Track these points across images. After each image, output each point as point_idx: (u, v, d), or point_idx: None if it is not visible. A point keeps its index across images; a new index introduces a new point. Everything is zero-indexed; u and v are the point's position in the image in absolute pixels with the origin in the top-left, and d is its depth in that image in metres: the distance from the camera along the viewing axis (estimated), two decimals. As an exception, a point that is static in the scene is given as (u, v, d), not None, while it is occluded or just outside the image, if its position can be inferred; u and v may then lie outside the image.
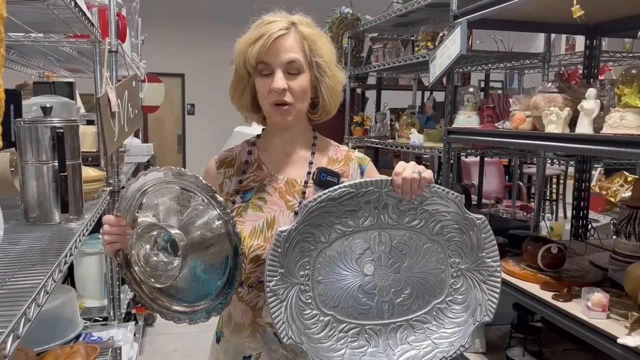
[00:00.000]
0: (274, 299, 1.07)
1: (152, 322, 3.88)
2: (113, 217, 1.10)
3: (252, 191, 1.24)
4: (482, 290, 1.15)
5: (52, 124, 1.40)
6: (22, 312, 0.81)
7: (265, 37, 1.13)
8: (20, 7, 1.54)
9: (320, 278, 1.10)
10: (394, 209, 1.11)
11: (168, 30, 8.17)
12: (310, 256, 1.10)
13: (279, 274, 1.07)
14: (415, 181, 1.08)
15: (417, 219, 1.13)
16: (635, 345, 1.36)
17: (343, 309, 1.12)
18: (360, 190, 1.08)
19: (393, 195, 1.10)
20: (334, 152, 1.30)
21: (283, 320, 1.07)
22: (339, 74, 1.24)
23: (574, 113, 1.74)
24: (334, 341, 1.11)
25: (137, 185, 1.10)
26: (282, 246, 1.06)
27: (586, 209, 2.53)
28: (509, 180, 5.46)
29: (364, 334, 1.13)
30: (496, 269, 1.15)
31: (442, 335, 1.16)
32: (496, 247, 1.15)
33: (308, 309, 1.10)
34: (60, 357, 1.70)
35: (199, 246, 1.07)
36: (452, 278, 1.16)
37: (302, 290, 1.10)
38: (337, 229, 1.10)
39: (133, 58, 3.17)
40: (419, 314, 1.16)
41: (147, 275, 1.08)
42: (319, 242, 1.10)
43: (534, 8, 2.01)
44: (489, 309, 1.15)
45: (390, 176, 1.11)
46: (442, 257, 1.15)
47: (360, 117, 3.98)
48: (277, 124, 1.23)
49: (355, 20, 3.95)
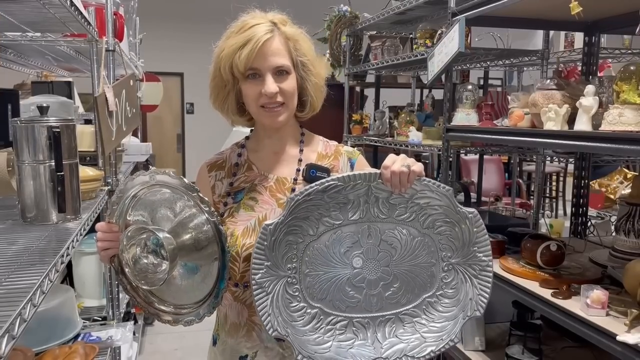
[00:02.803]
0: (259, 291, 1.06)
1: (152, 322, 3.88)
2: (105, 224, 1.12)
3: (243, 192, 1.24)
4: (473, 284, 1.14)
5: (48, 123, 1.39)
6: (17, 313, 0.81)
7: (252, 43, 1.12)
8: (16, 6, 1.54)
9: (308, 271, 1.10)
10: (384, 203, 1.11)
11: (167, 30, 8.17)
12: (298, 249, 1.09)
13: (265, 267, 1.07)
14: (405, 174, 1.07)
15: (408, 212, 1.12)
16: (635, 342, 1.36)
17: (330, 301, 1.11)
18: (348, 184, 1.08)
19: (383, 188, 1.09)
20: (323, 148, 1.31)
21: (269, 313, 1.07)
22: (322, 70, 1.25)
23: (572, 110, 1.74)
24: (320, 334, 1.11)
25: (125, 191, 1.11)
26: (268, 239, 1.06)
27: (585, 206, 2.52)
28: (509, 178, 5.45)
29: (352, 326, 1.12)
30: (488, 264, 1.14)
31: (432, 329, 1.15)
32: (488, 241, 1.14)
33: (295, 301, 1.10)
34: (59, 356, 1.70)
35: (189, 248, 1.08)
36: (443, 272, 1.15)
37: (289, 283, 1.09)
38: (325, 222, 1.10)
39: (131, 57, 3.17)
40: (408, 307, 1.15)
41: (137, 278, 1.08)
42: (306, 235, 1.09)
43: (531, 5, 2.01)
44: (480, 304, 1.14)
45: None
46: (433, 251, 1.14)
47: (359, 115, 3.97)
48: (267, 125, 1.23)
49: (354, 18, 3.95)
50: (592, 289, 1.57)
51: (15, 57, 2.60)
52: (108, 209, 1.15)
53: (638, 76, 1.51)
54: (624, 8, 2.05)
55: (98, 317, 2.32)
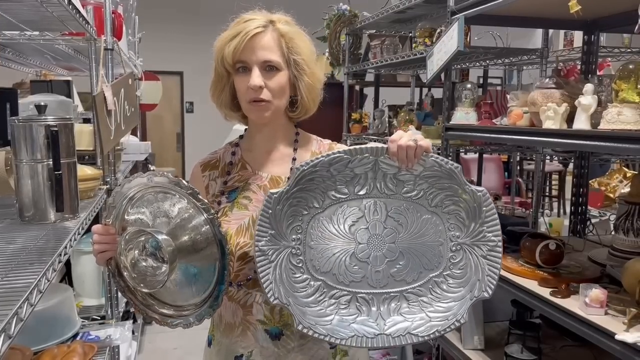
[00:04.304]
0: (262, 258, 1.05)
1: (151, 321, 3.88)
2: (101, 226, 1.11)
3: (237, 191, 1.24)
4: (481, 265, 1.11)
5: (46, 122, 1.39)
6: (13, 312, 0.81)
7: (241, 35, 1.13)
8: (14, 5, 1.54)
9: (312, 243, 1.09)
10: (391, 179, 1.09)
11: (167, 28, 8.16)
12: (303, 220, 1.08)
13: (269, 235, 1.06)
14: (412, 149, 1.05)
15: (416, 190, 1.10)
16: (633, 341, 1.36)
17: (334, 275, 1.10)
18: (355, 157, 1.06)
19: (390, 163, 1.08)
20: (317, 147, 1.31)
21: (271, 281, 1.05)
22: (319, 72, 1.24)
23: (571, 109, 1.73)
24: (323, 307, 1.10)
25: (122, 193, 1.10)
26: (273, 207, 1.05)
27: (585, 205, 2.52)
28: (508, 177, 5.45)
29: (355, 301, 1.11)
30: (497, 244, 1.11)
31: (438, 309, 1.12)
32: (498, 221, 1.11)
33: (298, 272, 1.09)
34: (57, 356, 1.70)
35: (188, 250, 1.07)
36: (450, 252, 1.12)
37: (293, 253, 1.08)
38: (331, 195, 1.09)
39: (130, 56, 3.16)
40: (414, 285, 1.13)
41: (137, 281, 1.08)
42: (312, 207, 1.09)
43: (531, 3, 2.00)
44: (489, 285, 1.11)
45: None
46: (441, 230, 1.12)
47: (359, 114, 3.97)
48: (254, 120, 1.23)
49: (353, 17, 3.95)
50: (591, 288, 1.57)
51: (14, 56, 2.59)
52: (105, 210, 1.14)
53: (637, 75, 1.51)
54: (623, 6, 2.04)
55: (97, 316, 2.32)
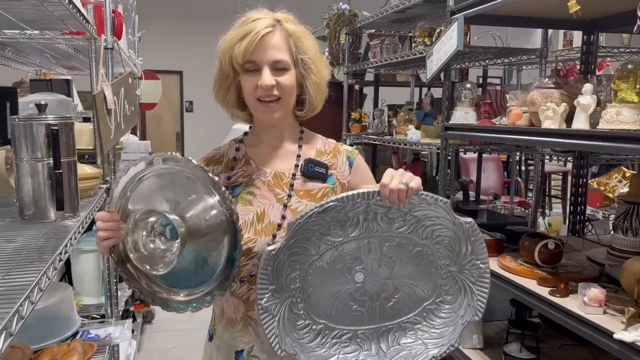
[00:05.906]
0: (265, 315, 1.08)
1: (150, 320, 3.88)
2: (106, 213, 1.10)
3: (240, 186, 1.24)
4: (471, 291, 1.17)
5: (46, 121, 1.39)
6: (15, 310, 0.81)
7: (252, 35, 1.13)
8: (14, 4, 1.54)
9: (311, 289, 1.12)
10: (382, 217, 1.12)
11: (166, 28, 8.16)
12: (301, 269, 1.11)
13: (270, 291, 1.08)
14: (403, 192, 1.08)
15: (406, 225, 1.13)
16: (632, 340, 1.36)
17: (334, 316, 1.14)
18: (347, 203, 1.08)
19: (381, 204, 1.10)
20: (322, 145, 1.32)
21: (276, 335, 1.08)
22: (324, 70, 1.25)
23: (570, 109, 1.74)
24: (327, 348, 1.13)
25: (127, 178, 1.07)
26: (272, 264, 1.07)
27: (584, 205, 2.53)
28: (508, 177, 5.45)
29: (356, 338, 1.15)
30: (485, 271, 1.16)
31: (432, 335, 1.17)
32: (486, 250, 1.16)
33: (300, 319, 1.12)
34: (57, 354, 1.70)
35: (197, 232, 1.05)
36: (441, 279, 1.17)
37: (294, 302, 1.11)
38: (326, 240, 1.11)
39: (130, 55, 3.16)
40: (410, 316, 1.18)
41: (144, 263, 1.05)
42: (308, 255, 1.11)
43: (530, 3, 2.01)
44: (478, 310, 1.17)
45: (378, 184, 1.10)
46: (432, 260, 1.16)
47: (358, 114, 3.97)
48: (263, 121, 1.24)
49: (353, 17, 3.95)
50: (590, 287, 1.57)
51: (14, 55, 2.59)
52: (109, 197, 1.12)
53: (636, 75, 1.51)
54: (622, 6, 2.04)
55: (96, 315, 2.32)
